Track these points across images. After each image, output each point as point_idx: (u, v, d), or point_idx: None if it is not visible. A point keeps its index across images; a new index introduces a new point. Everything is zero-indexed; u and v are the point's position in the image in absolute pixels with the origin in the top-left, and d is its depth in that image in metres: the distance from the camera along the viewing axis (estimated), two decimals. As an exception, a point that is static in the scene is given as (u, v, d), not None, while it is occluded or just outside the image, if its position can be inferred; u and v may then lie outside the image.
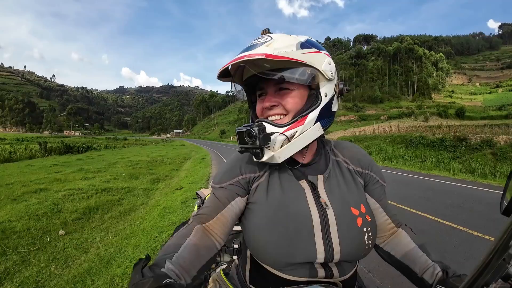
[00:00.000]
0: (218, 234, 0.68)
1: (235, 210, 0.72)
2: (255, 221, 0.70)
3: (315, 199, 0.71)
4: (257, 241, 0.68)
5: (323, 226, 0.67)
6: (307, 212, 0.68)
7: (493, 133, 17.19)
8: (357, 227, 0.68)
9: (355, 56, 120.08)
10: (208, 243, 0.65)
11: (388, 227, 0.81)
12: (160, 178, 9.92)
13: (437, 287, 0.67)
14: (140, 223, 4.68)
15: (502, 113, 62.16)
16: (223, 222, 0.69)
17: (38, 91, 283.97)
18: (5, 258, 3.36)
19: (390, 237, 0.82)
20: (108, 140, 78.71)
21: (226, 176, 0.75)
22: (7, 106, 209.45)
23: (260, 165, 0.76)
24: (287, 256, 0.65)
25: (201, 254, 0.62)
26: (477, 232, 4.00)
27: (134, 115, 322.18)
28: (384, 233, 0.81)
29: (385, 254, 0.82)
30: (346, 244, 0.66)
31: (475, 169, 11.24)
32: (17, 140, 50.38)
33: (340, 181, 0.76)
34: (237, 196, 0.72)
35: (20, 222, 4.56)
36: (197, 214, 0.71)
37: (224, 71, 0.72)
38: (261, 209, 0.70)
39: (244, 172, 0.75)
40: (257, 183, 0.74)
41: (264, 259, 0.69)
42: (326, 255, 0.65)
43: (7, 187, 7.41)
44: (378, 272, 2.86)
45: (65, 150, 23.85)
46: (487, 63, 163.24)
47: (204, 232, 0.67)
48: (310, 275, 0.67)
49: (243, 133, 0.67)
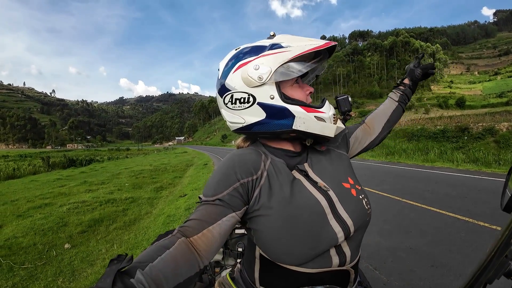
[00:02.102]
0: (202, 252, 0.61)
1: (226, 227, 0.65)
2: (271, 226, 0.67)
3: (314, 186, 0.73)
4: (277, 245, 0.66)
5: (331, 207, 0.70)
6: (314, 199, 0.70)
7: (494, 121, 17.12)
8: (354, 197, 0.75)
9: (351, 52, 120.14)
10: (189, 259, 0.58)
11: (366, 131, 1.01)
12: (163, 186, 9.92)
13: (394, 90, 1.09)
14: (145, 233, 4.68)
15: (502, 100, 61.91)
16: (209, 239, 0.62)
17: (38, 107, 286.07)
18: (13, 274, 3.38)
19: (370, 129, 1.02)
20: (111, 151, 78.93)
21: (220, 185, 0.67)
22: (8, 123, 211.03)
23: (255, 166, 0.72)
24: (313, 248, 0.66)
25: (179, 271, 0.55)
26: (483, 223, 3.97)
27: (135, 125, 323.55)
28: (369, 135, 1.01)
29: (382, 134, 1.02)
30: (354, 214, 0.71)
31: (479, 158, 11.17)
32: (20, 157, 50.62)
33: (324, 163, 0.81)
34: (231, 212, 0.65)
35: (26, 238, 4.58)
36: (183, 226, 0.63)
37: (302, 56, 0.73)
38: (272, 212, 0.67)
39: (241, 177, 0.68)
40: (258, 188, 0.69)
41: (286, 260, 0.67)
42: (344, 231, 0.68)
43: (12, 204, 7.44)
44: (384, 270, 2.84)
45: (69, 164, 23.93)
46: (484, 51, 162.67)
47: (188, 246, 0.59)
48: (326, 265, 0.68)
49: (347, 99, 0.88)
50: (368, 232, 3.79)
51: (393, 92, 1.08)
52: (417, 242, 3.46)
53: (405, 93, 1.05)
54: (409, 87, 1.06)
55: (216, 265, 1.34)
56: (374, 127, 1.01)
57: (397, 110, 1.04)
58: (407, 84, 1.06)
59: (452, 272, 2.68)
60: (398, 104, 1.04)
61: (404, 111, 1.06)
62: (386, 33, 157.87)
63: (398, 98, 1.05)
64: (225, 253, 1.32)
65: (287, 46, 0.72)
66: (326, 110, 0.75)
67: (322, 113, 0.74)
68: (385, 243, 3.47)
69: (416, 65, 1.07)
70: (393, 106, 1.04)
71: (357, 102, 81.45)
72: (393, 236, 3.68)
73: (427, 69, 1.06)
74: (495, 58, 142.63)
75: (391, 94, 1.07)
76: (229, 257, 1.33)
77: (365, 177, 7.84)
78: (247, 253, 0.83)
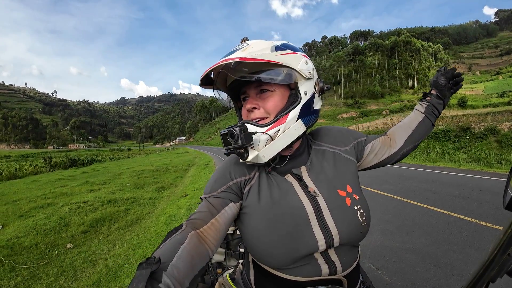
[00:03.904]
0: (211, 241, 0.65)
1: (229, 216, 0.70)
2: (253, 225, 0.70)
3: (304, 190, 0.73)
4: (258, 244, 0.68)
5: (317, 214, 0.69)
6: (300, 204, 0.70)
7: (496, 120, 17.03)
8: (347, 207, 0.72)
9: (352, 52, 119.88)
10: (202, 250, 0.61)
11: (385, 142, 0.91)
12: (165, 186, 9.93)
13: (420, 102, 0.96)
14: (147, 233, 4.69)
15: (504, 100, 61.65)
16: (217, 228, 0.66)
17: (40, 107, 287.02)
18: (15, 274, 3.38)
19: (391, 142, 0.92)
20: (112, 151, 79.14)
21: (217, 184, 0.74)
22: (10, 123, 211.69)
23: (249, 167, 0.77)
24: (291, 252, 0.66)
25: (195, 263, 0.58)
26: (485, 223, 3.95)
27: (137, 125, 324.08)
28: (389, 147, 0.91)
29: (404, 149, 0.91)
30: (342, 225, 0.69)
31: (481, 158, 11.12)
32: (22, 157, 50.80)
33: (325, 167, 0.79)
34: (230, 202, 0.71)
35: (28, 238, 4.59)
36: (190, 219, 0.67)
37: (206, 79, 0.74)
38: (257, 212, 0.71)
39: (234, 176, 0.75)
40: (248, 187, 0.74)
41: (267, 262, 0.69)
42: (326, 240, 0.67)
43: (14, 204, 7.46)
44: (387, 270, 2.83)
45: (70, 164, 23.97)
46: (485, 50, 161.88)
47: (198, 238, 0.62)
48: (315, 274, 0.68)
49: (226, 135, 0.69)
50: (371, 232, 3.78)
51: (419, 103, 0.96)
52: (419, 242, 3.44)
53: (431, 103, 0.92)
54: (436, 96, 0.92)
55: (218, 266, 1.34)
56: (395, 140, 0.91)
57: (424, 123, 0.91)
58: (433, 94, 0.93)
59: (455, 272, 2.67)
60: (424, 116, 0.91)
61: (433, 125, 0.93)
62: (388, 32, 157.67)
63: (424, 109, 0.92)
64: (227, 254, 1.32)
65: None
66: None
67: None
68: (388, 243, 3.46)
69: (437, 76, 0.94)
70: (419, 118, 0.92)
71: (358, 102, 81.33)
72: (396, 236, 3.67)
73: (449, 73, 0.92)
74: (497, 57, 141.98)
75: (417, 106, 0.95)
76: (231, 257, 1.32)
77: (367, 177, 7.82)
78: (246, 255, 0.85)
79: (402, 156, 0.91)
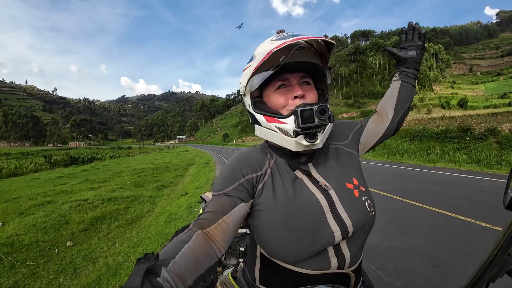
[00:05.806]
0: (219, 242, 0.63)
1: (238, 216, 0.68)
2: (269, 222, 0.70)
3: (315, 185, 0.74)
4: (275, 240, 0.68)
5: (330, 206, 0.71)
6: (314, 198, 0.71)
7: (496, 121, 16.99)
8: (356, 198, 0.75)
9: (353, 52, 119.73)
10: (208, 250, 0.60)
11: (377, 119, 0.94)
12: (165, 185, 9.95)
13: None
14: (146, 231, 4.69)
15: (505, 101, 61.65)
16: (225, 228, 0.65)
17: (40, 105, 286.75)
18: (14, 272, 3.39)
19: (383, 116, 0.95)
20: (112, 149, 79.06)
21: (227, 181, 0.72)
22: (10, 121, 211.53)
23: (261, 163, 0.76)
24: (309, 246, 0.67)
25: (200, 262, 0.57)
26: (485, 223, 3.95)
27: (137, 124, 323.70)
28: (382, 122, 0.93)
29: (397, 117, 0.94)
30: (354, 215, 0.71)
31: (481, 159, 11.09)
32: (22, 154, 50.81)
33: (330, 162, 0.81)
34: (240, 202, 0.69)
35: (28, 235, 4.60)
36: (198, 219, 0.67)
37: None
38: (273, 208, 0.70)
39: (246, 173, 0.73)
40: (262, 183, 0.73)
41: (283, 256, 0.69)
42: (342, 231, 0.69)
43: (14, 201, 7.47)
44: (386, 269, 2.84)
45: (70, 162, 24.00)
46: (486, 51, 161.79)
47: (205, 238, 0.61)
48: (324, 267, 0.69)
49: (312, 110, 0.67)
50: (371, 232, 3.77)
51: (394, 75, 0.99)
52: (419, 242, 3.45)
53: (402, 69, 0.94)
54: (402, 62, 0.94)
55: (218, 264, 1.34)
56: (386, 113, 0.94)
57: (404, 88, 0.93)
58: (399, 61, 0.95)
59: (454, 272, 2.68)
60: (401, 81, 0.94)
61: (414, 86, 0.95)
62: (389, 32, 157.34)
63: (398, 76, 0.95)
64: (227, 252, 1.32)
65: (254, 57, 0.74)
66: (289, 121, 0.70)
67: (283, 124, 0.71)
68: (387, 243, 3.46)
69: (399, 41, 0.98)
70: (397, 86, 0.94)
71: (359, 102, 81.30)
72: (395, 236, 3.68)
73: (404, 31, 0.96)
74: (498, 58, 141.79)
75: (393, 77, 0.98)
76: (231, 256, 1.33)
77: (367, 177, 7.77)
78: (249, 252, 0.85)
79: (398, 124, 0.95)
